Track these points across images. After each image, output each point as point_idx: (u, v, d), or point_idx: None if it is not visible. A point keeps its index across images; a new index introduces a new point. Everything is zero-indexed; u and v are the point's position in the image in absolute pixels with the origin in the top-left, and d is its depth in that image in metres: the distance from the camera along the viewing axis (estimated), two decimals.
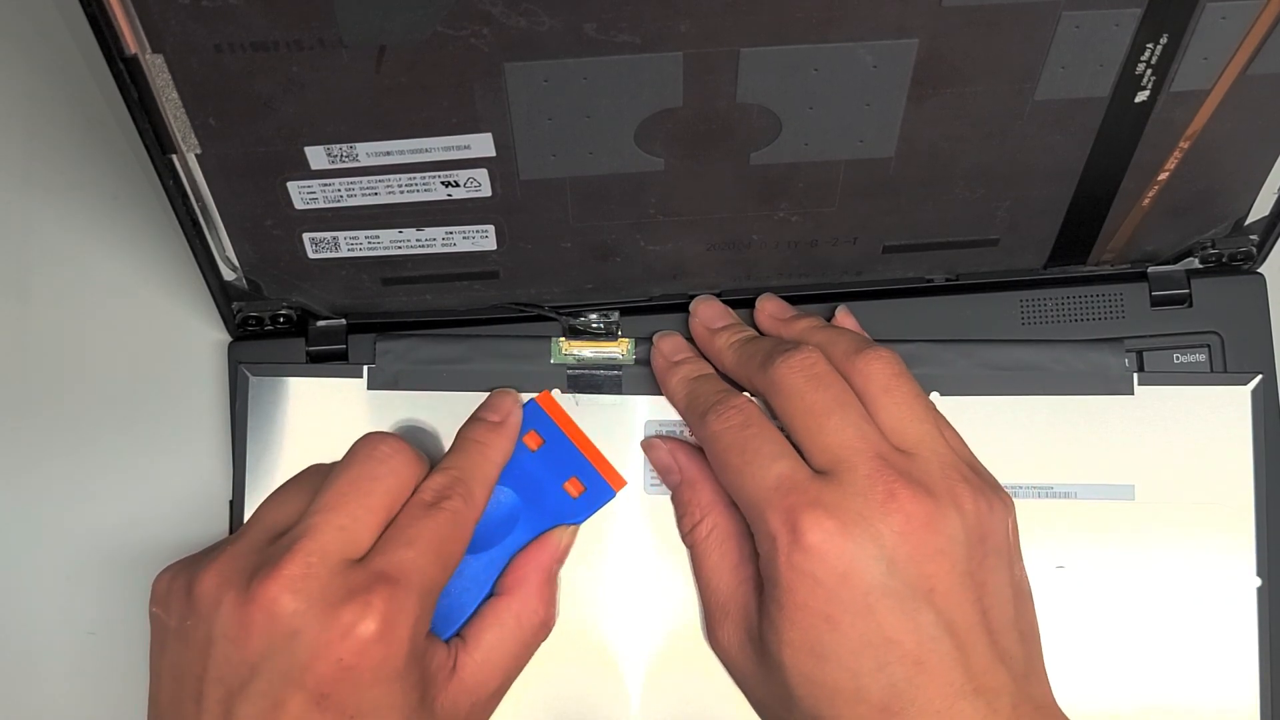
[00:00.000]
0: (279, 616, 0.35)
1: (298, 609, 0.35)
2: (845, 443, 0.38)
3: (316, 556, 0.36)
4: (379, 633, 0.35)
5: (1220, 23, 0.35)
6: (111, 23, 0.31)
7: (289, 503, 0.39)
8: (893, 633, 0.36)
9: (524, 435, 0.43)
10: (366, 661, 0.35)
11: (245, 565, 0.36)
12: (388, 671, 0.35)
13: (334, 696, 0.35)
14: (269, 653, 0.35)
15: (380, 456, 0.38)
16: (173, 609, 0.37)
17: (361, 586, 0.35)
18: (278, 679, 0.35)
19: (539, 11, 0.32)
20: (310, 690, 0.35)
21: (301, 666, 0.35)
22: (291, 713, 0.34)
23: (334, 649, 0.35)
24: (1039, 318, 0.46)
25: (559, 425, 0.43)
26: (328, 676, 0.35)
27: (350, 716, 0.35)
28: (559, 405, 0.43)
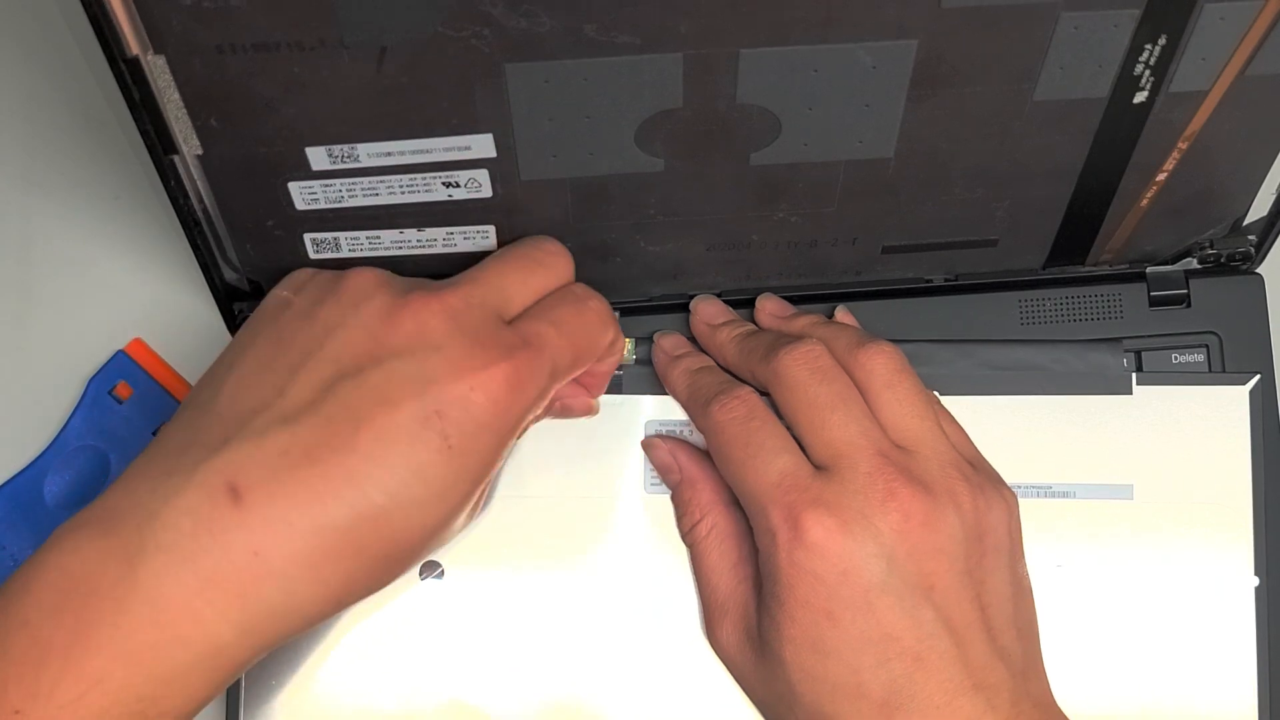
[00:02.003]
0: (428, 329, 0.35)
1: (448, 330, 0.35)
2: (847, 439, 0.38)
3: (477, 299, 0.36)
4: (511, 384, 0.35)
5: (1219, 23, 0.35)
6: (113, 24, 0.31)
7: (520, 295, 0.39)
8: (892, 629, 0.36)
9: (114, 387, 0.44)
10: (489, 404, 0.34)
11: (406, 283, 0.37)
12: (499, 424, 0.35)
13: (445, 418, 0.34)
14: (402, 354, 0.34)
15: (547, 251, 0.39)
16: (308, 292, 0.37)
17: (508, 340, 0.36)
18: (399, 379, 0.34)
19: (539, 12, 0.32)
20: (426, 403, 0.34)
21: (429, 379, 0.34)
22: (399, 414, 0.33)
23: (466, 378, 0.34)
24: (1038, 318, 0.46)
25: (150, 373, 0.45)
26: (449, 398, 0.34)
27: (449, 446, 0.34)
28: (151, 352, 0.44)
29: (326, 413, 0.33)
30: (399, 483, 0.33)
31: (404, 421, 0.33)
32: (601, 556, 0.43)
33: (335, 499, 0.33)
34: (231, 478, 0.32)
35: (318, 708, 0.42)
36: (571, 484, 0.44)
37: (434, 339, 0.35)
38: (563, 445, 0.44)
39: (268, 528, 0.32)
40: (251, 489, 0.32)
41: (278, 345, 0.35)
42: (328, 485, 0.33)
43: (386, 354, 0.34)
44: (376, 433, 0.33)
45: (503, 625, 0.43)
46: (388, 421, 0.33)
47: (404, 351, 0.34)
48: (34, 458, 0.46)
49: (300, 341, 0.35)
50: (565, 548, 0.43)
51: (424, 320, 0.35)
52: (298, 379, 0.34)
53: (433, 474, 0.34)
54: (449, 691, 0.43)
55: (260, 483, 0.32)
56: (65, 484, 0.45)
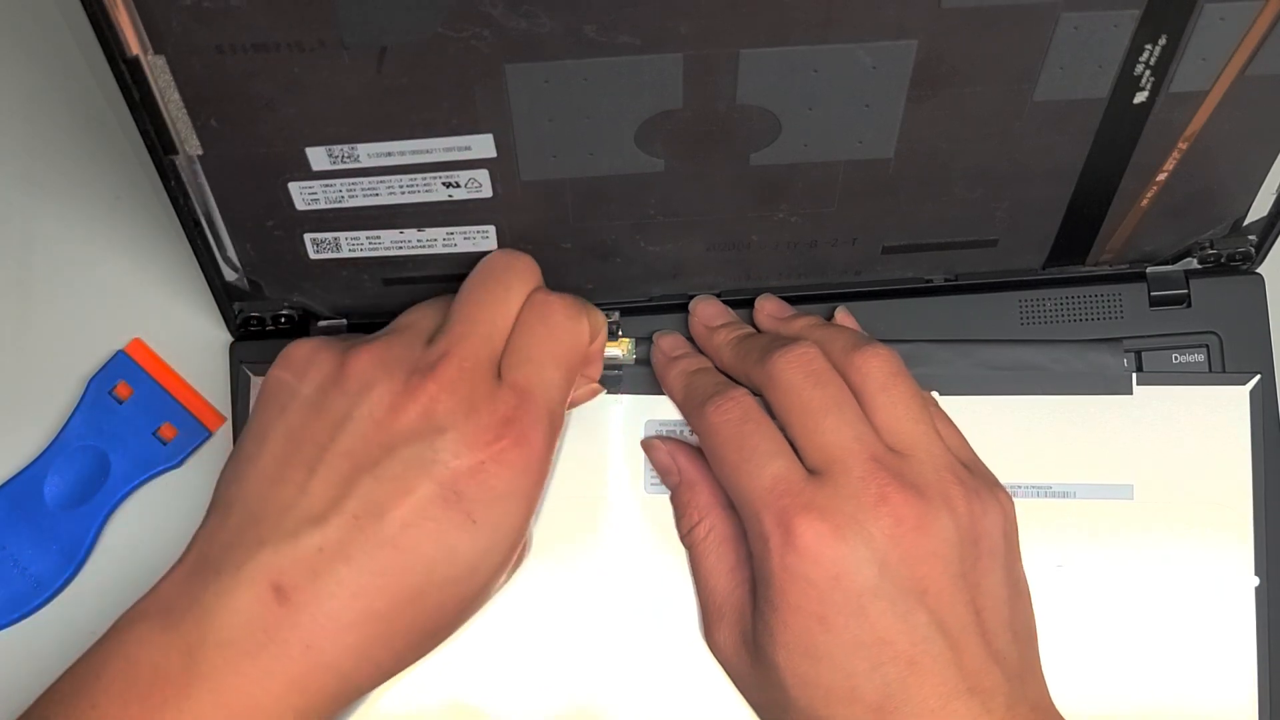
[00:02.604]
0: (432, 412, 0.36)
1: (450, 407, 0.36)
2: (840, 443, 0.38)
3: (470, 362, 0.37)
4: (520, 448, 0.36)
5: (1219, 24, 0.35)
6: (113, 24, 0.31)
7: (430, 313, 0.40)
8: (886, 633, 0.36)
9: (114, 387, 0.45)
10: (504, 473, 0.36)
11: (403, 357, 0.37)
12: (519, 488, 0.36)
13: (464, 495, 0.35)
14: (411, 440, 0.35)
15: (511, 269, 0.39)
16: (310, 377, 0.37)
17: (505, 399, 0.37)
18: (414, 466, 0.35)
19: (539, 13, 0.32)
20: (443, 485, 0.35)
21: (440, 461, 0.35)
22: (418, 499, 0.35)
23: (476, 452, 0.36)
24: (1038, 318, 0.46)
25: (150, 373, 0.45)
26: (464, 475, 0.35)
27: (473, 522, 0.35)
28: (151, 352, 0.45)
29: (351, 509, 0.35)
30: (432, 566, 0.35)
31: (426, 507, 0.35)
32: (601, 557, 0.43)
33: (375, 592, 0.35)
34: (275, 578, 0.34)
35: None
36: (571, 484, 0.44)
37: (439, 421, 0.36)
38: (563, 445, 0.44)
39: (315, 624, 0.34)
40: (296, 589, 0.34)
41: (291, 442, 0.36)
42: (366, 580, 0.35)
43: (398, 442, 0.36)
44: (402, 523, 0.35)
45: (503, 625, 0.43)
46: (410, 510, 0.35)
47: (413, 438, 0.36)
48: (34, 458, 0.46)
49: (312, 436, 0.36)
50: (565, 548, 0.43)
51: (425, 405, 0.36)
52: (317, 476, 0.36)
53: (462, 551, 0.36)
54: (449, 691, 0.43)
55: (303, 582, 0.34)
56: (65, 484, 0.45)
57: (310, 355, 0.38)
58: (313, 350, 0.38)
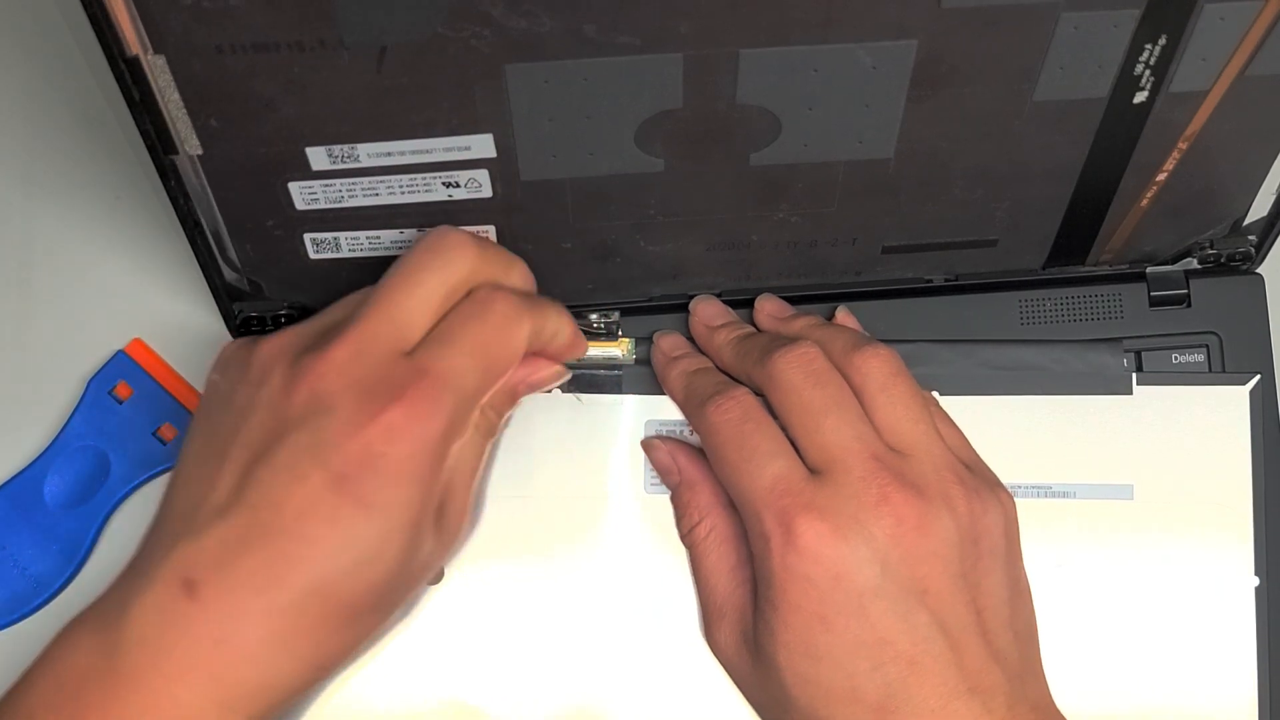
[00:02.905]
0: (319, 394, 0.35)
1: (337, 389, 0.35)
2: (841, 443, 0.38)
3: (367, 342, 0.35)
4: (410, 425, 0.34)
5: (1219, 23, 0.35)
6: (113, 23, 0.31)
7: (350, 301, 0.38)
8: (886, 633, 0.36)
9: (114, 387, 0.45)
10: (394, 452, 0.34)
11: (301, 343, 0.36)
12: (411, 469, 0.35)
13: (353, 480, 0.34)
14: (299, 425, 0.34)
15: (440, 248, 0.37)
16: (229, 374, 0.37)
17: (401, 378, 0.35)
18: (302, 451, 0.34)
19: (539, 13, 0.32)
20: (332, 470, 0.34)
21: (328, 444, 0.34)
22: (309, 487, 0.34)
23: (364, 433, 0.34)
24: (1038, 318, 0.46)
25: (150, 373, 0.45)
26: (352, 458, 0.34)
27: (365, 506, 0.34)
28: (151, 352, 0.45)
29: (249, 500, 0.34)
30: (331, 553, 0.34)
31: (316, 492, 0.34)
32: (601, 556, 0.43)
33: (278, 582, 0.34)
34: (184, 573, 0.34)
35: (317, 707, 0.42)
36: (571, 484, 0.44)
37: (326, 401, 0.34)
38: (563, 445, 0.44)
39: (223, 617, 0.34)
40: (203, 582, 0.34)
41: (208, 438, 0.36)
42: (268, 570, 0.34)
43: (288, 429, 0.35)
44: (295, 511, 0.34)
45: (502, 625, 0.43)
46: (301, 497, 0.34)
47: (300, 422, 0.34)
48: (34, 458, 0.46)
49: (223, 430, 0.36)
50: (565, 548, 0.43)
51: (314, 385, 0.35)
52: (223, 470, 0.35)
53: (358, 537, 0.34)
54: (449, 691, 0.43)
55: (210, 576, 0.34)
56: (65, 484, 0.45)
57: (233, 352, 0.38)
58: (236, 347, 0.38)
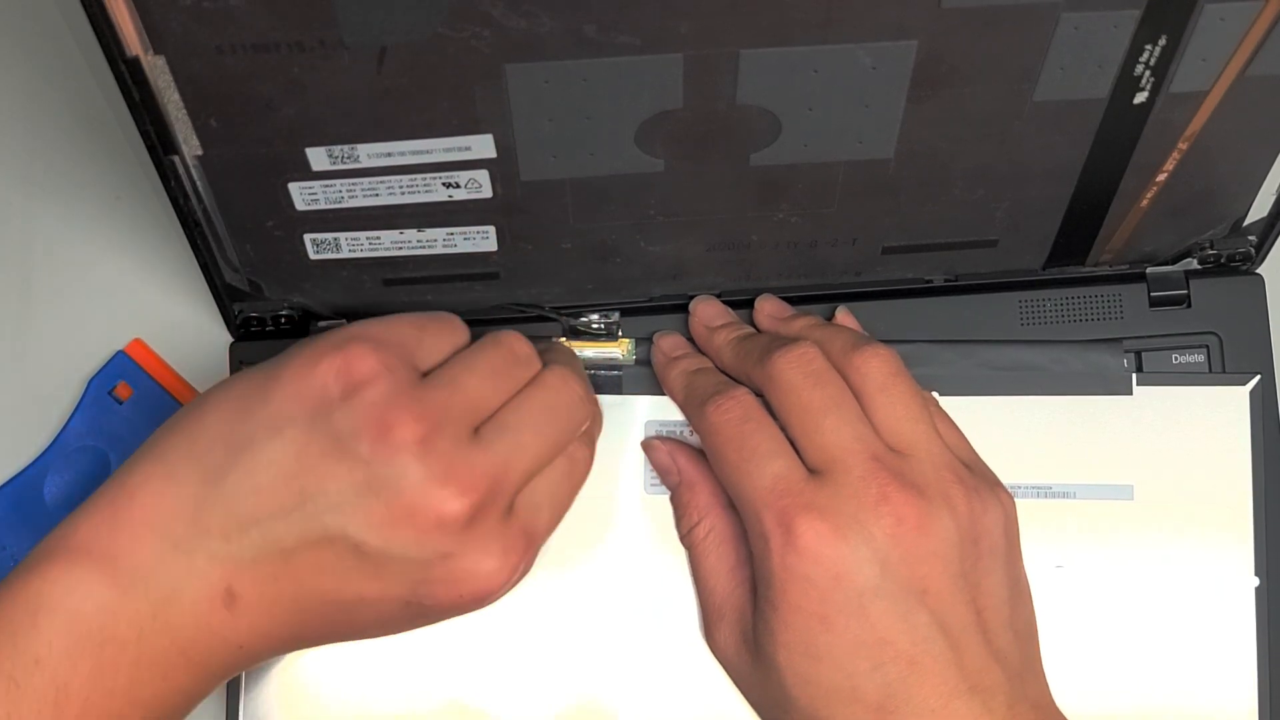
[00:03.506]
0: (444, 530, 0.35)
1: (461, 543, 0.35)
2: (840, 443, 0.38)
3: (502, 498, 0.36)
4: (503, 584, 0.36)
5: (1219, 24, 0.35)
6: (113, 24, 0.31)
7: (494, 387, 0.37)
8: (886, 633, 0.36)
9: (114, 387, 0.45)
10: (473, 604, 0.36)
11: (446, 451, 0.35)
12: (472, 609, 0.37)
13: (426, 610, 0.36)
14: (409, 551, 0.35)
15: (577, 409, 0.39)
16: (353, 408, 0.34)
17: (512, 545, 0.36)
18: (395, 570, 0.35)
19: (539, 13, 0.32)
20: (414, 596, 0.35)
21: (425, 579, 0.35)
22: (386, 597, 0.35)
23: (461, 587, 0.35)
24: (1038, 318, 0.46)
25: (150, 373, 0.45)
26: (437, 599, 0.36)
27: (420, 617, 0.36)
28: (151, 353, 0.45)
29: (321, 563, 0.35)
30: (365, 626, 0.37)
31: (387, 601, 0.36)
32: (601, 556, 0.43)
33: (309, 627, 0.36)
34: (230, 582, 0.34)
35: (317, 708, 0.42)
36: None
37: (443, 546, 0.35)
38: None
39: (253, 633, 0.35)
40: (244, 598, 0.35)
41: (300, 462, 0.34)
42: (306, 617, 0.36)
43: (397, 543, 0.35)
44: (359, 598, 0.35)
45: (503, 625, 0.43)
46: (372, 598, 0.35)
47: (414, 550, 0.35)
48: (34, 458, 0.46)
49: (323, 474, 0.34)
50: (565, 548, 0.43)
51: (441, 527, 0.34)
52: (305, 515, 0.34)
53: (395, 629, 0.37)
54: (449, 691, 0.43)
55: (252, 595, 0.35)
56: (65, 484, 0.45)
57: (367, 381, 0.35)
58: (372, 376, 0.35)
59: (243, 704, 0.42)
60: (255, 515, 0.34)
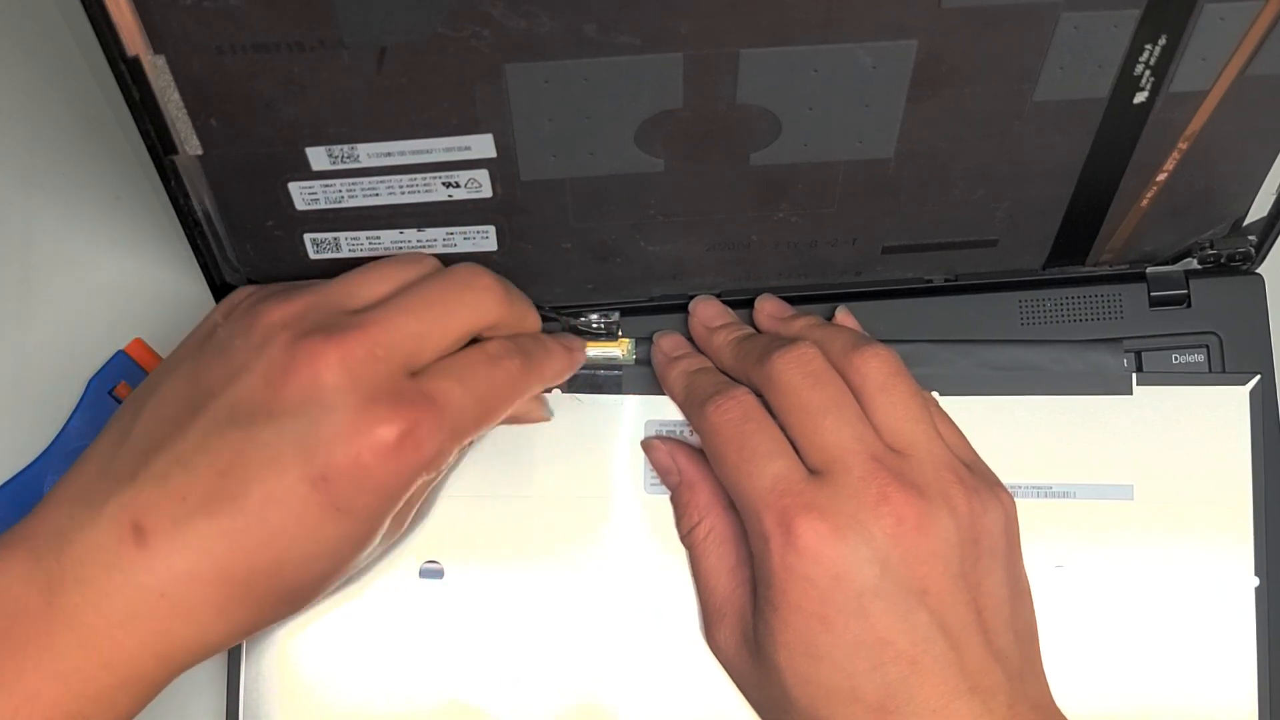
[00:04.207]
0: (322, 386, 0.34)
1: (342, 387, 0.34)
2: (840, 443, 0.38)
3: (384, 349, 0.35)
4: (403, 447, 0.34)
5: (1219, 23, 0.35)
6: (113, 24, 0.31)
7: (377, 282, 0.38)
8: (886, 633, 0.36)
9: (114, 387, 0.45)
10: (380, 469, 0.34)
11: (315, 318, 0.35)
12: (390, 487, 0.35)
13: (332, 483, 0.34)
14: (293, 412, 0.34)
15: (474, 288, 0.38)
16: (231, 322, 0.36)
17: (406, 397, 0.35)
18: (288, 440, 0.34)
19: (539, 12, 0.32)
20: (314, 468, 0.34)
21: (317, 442, 0.34)
22: (286, 477, 0.34)
23: (356, 441, 0.34)
24: (1038, 318, 0.46)
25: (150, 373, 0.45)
26: (337, 464, 0.34)
27: (337, 509, 0.34)
28: (151, 352, 0.45)
29: (219, 464, 0.34)
30: (289, 542, 0.34)
31: (292, 485, 0.34)
32: (601, 556, 0.43)
33: (231, 554, 0.34)
34: (136, 517, 0.33)
35: (317, 708, 0.42)
36: (571, 484, 0.44)
37: (327, 398, 0.34)
38: (563, 445, 0.44)
39: (171, 573, 0.33)
40: (155, 531, 0.33)
41: (191, 380, 0.36)
42: (224, 540, 0.34)
43: (279, 409, 0.34)
44: (266, 494, 0.34)
45: (502, 625, 0.43)
46: (276, 484, 0.34)
47: (295, 409, 0.34)
48: (34, 458, 0.46)
49: (208, 380, 0.35)
50: (565, 548, 0.43)
51: (319, 374, 0.34)
52: (196, 421, 0.34)
53: (322, 534, 0.35)
54: (449, 691, 0.43)
55: (162, 526, 0.33)
56: None
57: (242, 301, 0.37)
58: (245, 296, 0.38)
59: (242, 705, 0.42)
60: (157, 442, 0.34)
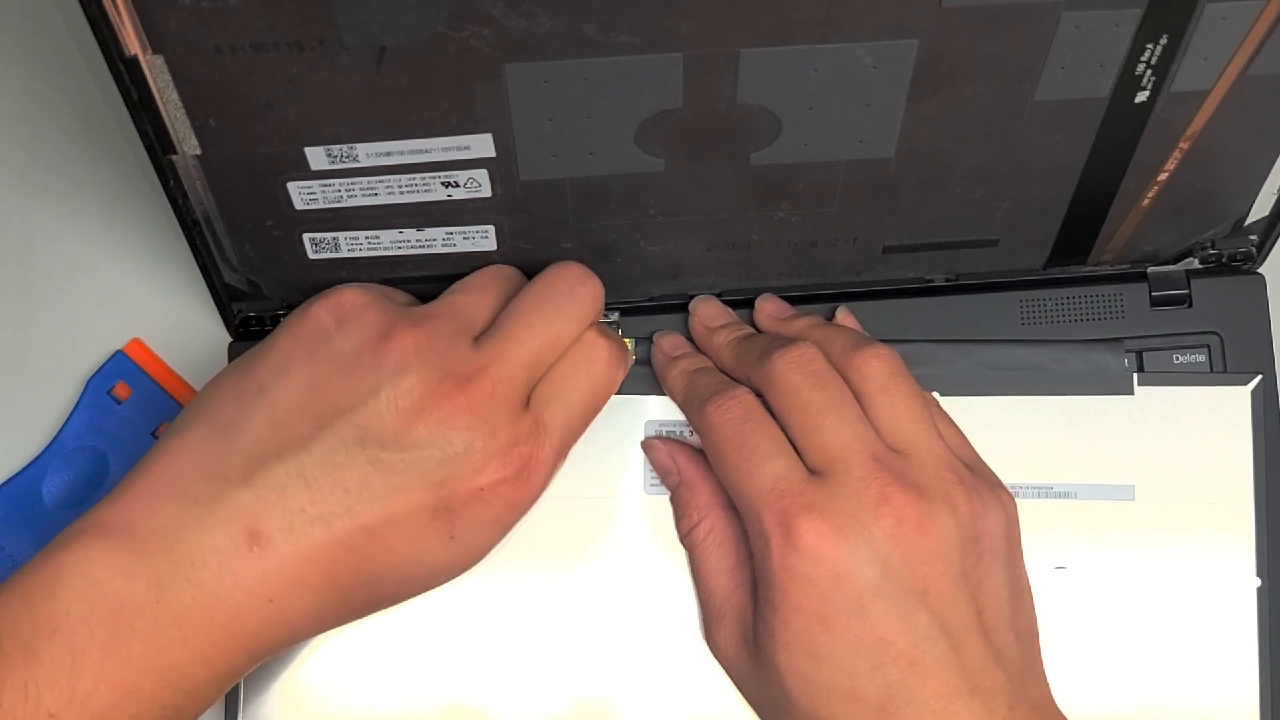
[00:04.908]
0: (453, 425, 0.36)
1: (470, 425, 0.36)
2: (840, 443, 0.38)
3: (504, 386, 0.37)
4: (519, 481, 0.37)
5: (1220, 23, 0.35)
6: (112, 24, 0.31)
7: (483, 302, 0.39)
8: (887, 633, 0.36)
9: (113, 387, 0.45)
10: (498, 502, 0.37)
11: (444, 351, 0.37)
12: (505, 519, 0.37)
13: (455, 515, 0.36)
14: (426, 445, 0.36)
15: (579, 297, 0.39)
16: (349, 332, 0.37)
17: (524, 432, 0.37)
18: (419, 469, 0.35)
19: (539, 12, 0.32)
20: (440, 498, 0.36)
21: (444, 477, 0.36)
22: (412, 503, 0.36)
23: (480, 478, 0.36)
24: (1039, 318, 0.46)
25: (149, 373, 0.45)
26: (461, 500, 0.36)
27: (452, 538, 0.36)
28: (150, 353, 0.45)
29: (345, 483, 0.35)
30: (396, 562, 0.36)
31: (415, 513, 0.36)
32: (601, 557, 0.43)
33: (341, 567, 0.35)
34: (252, 524, 0.34)
35: (317, 708, 0.42)
36: (571, 484, 0.44)
37: (456, 438, 0.36)
38: None
39: (283, 580, 0.34)
40: (270, 539, 0.34)
41: (311, 391, 0.36)
42: (338, 555, 0.35)
43: (409, 442, 0.36)
44: (388, 517, 0.35)
45: (502, 625, 0.43)
46: (400, 510, 0.35)
47: (425, 443, 0.36)
48: (33, 458, 0.46)
49: (333, 396, 0.36)
50: (565, 548, 0.43)
51: (450, 417, 0.36)
52: (323, 436, 0.35)
53: (433, 559, 0.37)
54: (449, 692, 0.43)
55: (279, 534, 0.34)
56: (64, 484, 0.45)
57: (359, 309, 0.37)
58: (363, 305, 0.37)
59: (242, 705, 0.42)
60: (276, 450, 0.35)
